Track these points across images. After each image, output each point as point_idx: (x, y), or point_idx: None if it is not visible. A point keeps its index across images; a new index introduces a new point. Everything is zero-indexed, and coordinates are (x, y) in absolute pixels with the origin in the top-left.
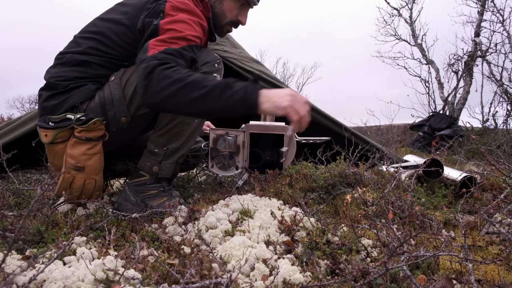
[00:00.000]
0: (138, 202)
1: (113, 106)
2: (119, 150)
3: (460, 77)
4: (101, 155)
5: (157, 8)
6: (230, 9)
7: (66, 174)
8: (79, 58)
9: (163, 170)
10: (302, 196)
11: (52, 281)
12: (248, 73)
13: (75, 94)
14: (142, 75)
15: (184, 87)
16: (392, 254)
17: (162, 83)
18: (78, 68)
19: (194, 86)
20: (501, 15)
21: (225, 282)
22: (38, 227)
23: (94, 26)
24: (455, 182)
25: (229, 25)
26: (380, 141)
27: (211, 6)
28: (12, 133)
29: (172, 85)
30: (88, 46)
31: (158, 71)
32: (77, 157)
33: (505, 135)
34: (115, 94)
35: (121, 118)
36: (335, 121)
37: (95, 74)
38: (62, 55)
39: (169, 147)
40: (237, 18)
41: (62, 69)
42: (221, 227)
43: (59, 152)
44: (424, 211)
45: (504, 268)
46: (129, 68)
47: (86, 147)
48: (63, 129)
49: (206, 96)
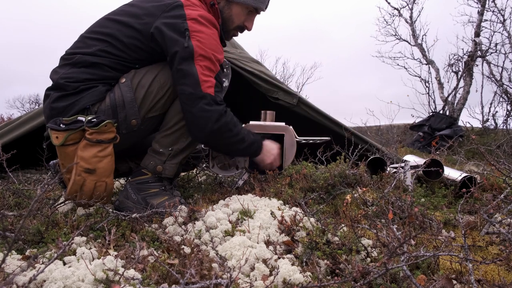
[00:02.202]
0: (139, 200)
1: (124, 109)
2: (124, 151)
3: (460, 77)
4: (112, 158)
5: (180, 26)
6: (238, 15)
7: (77, 177)
8: (89, 59)
9: (167, 170)
10: (302, 196)
11: (52, 281)
12: (248, 73)
13: (85, 96)
14: (211, 121)
15: (238, 141)
16: (392, 254)
17: (229, 134)
18: (88, 69)
19: (241, 141)
20: (501, 15)
21: (225, 283)
22: (38, 227)
23: (103, 27)
24: (455, 182)
25: (236, 30)
26: (380, 141)
27: (220, 11)
28: (12, 133)
29: (233, 137)
30: (99, 48)
31: (225, 122)
32: (88, 159)
33: (505, 135)
34: (127, 97)
35: (132, 120)
36: (335, 121)
37: (105, 76)
38: (70, 56)
39: (174, 148)
40: (244, 23)
41: (71, 70)
42: (221, 227)
43: (70, 154)
44: (424, 211)
45: (504, 268)
46: (140, 70)
47: (97, 149)
48: (74, 131)
49: (241, 150)
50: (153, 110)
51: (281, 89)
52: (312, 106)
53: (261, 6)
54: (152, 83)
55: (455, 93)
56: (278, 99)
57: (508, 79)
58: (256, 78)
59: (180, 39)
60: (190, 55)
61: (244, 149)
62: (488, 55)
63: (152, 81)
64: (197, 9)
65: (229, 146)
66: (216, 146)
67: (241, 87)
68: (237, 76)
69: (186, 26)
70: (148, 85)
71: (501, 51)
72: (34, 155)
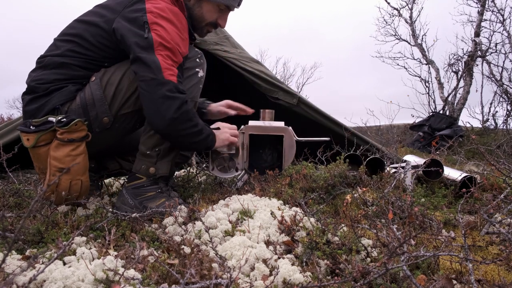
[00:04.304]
0: (136, 205)
1: (94, 107)
2: (110, 149)
3: (460, 77)
4: (85, 156)
5: (139, 20)
6: (209, 12)
7: (51, 177)
8: (57, 60)
9: (160, 169)
10: (302, 196)
11: (52, 281)
12: (248, 73)
13: (55, 96)
14: (171, 108)
15: (196, 133)
16: (392, 254)
17: (187, 124)
18: (58, 70)
19: (199, 133)
20: (501, 14)
21: (225, 283)
22: (38, 227)
23: (72, 29)
24: (455, 182)
25: (209, 26)
26: (380, 141)
27: (189, 8)
28: (12, 133)
29: (191, 128)
30: (67, 48)
31: (186, 110)
32: (61, 159)
33: (505, 135)
34: (96, 95)
35: (103, 118)
36: (335, 121)
37: (75, 75)
38: (41, 59)
39: (161, 148)
40: (217, 21)
41: (42, 72)
42: (221, 227)
43: (43, 155)
44: (424, 211)
45: (504, 268)
46: (110, 68)
47: (69, 148)
48: (45, 132)
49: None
50: (124, 107)
51: (281, 89)
52: (312, 106)
53: (232, 4)
54: (122, 79)
55: (455, 93)
56: (278, 99)
57: (508, 79)
58: (256, 78)
59: (138, 31)
60: (149, 45)
61: (201, 141)
62: (488, 55)
63: (122, 78)
64: (158, 3)
65: (188, 137)
66: (176, 136)
67: (241, 87)
68: (237, 76)
69: (145, 19)
70: (118, 82)
71: (501, 51)
72: None
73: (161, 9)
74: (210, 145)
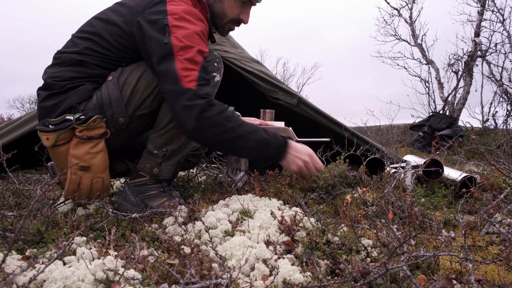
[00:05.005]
0: (138, 203)
1: (111, 107)
2: (119, 150)
3: (460, 77)
4: (105, 153)
5: (160, 22)
6: (231, 8)
7: (73, 176)
8: (75, 58)
9: (164, 172)
10: (302, 196)
11: (52, 281)
12: (248, 73)
13: (72, 94)
14: (191, 117)
15: (234, 138)
16: (392, 254)
17: (215, 130)
18: (75, 68)
19: (242, 138)
20: (501, 14)
21: (225, 283)
22: (38, 227)
23: (90, 26)
24: (455, 182)
25: (231, 23)
26: (380, 141)
27: (210, 5)
28: (12, 133)
29: (224, 133)
30: (85, 46)
31: (209, 117)
32: (81, 157)
33: (505, 135)
34: (113, 95)
35: (119, 119)
36: (335, 121)
37: (92, 73)
38: (59, 55)
39: (168, 149)
40: (239, 17)
41: (59, 69)
42: (221, 227)
43: (63, 154)
44: (424, 211)
45: (504, 268)
46: (127, 68)
47: (89, 146)
48: (64, 130)
49: (249, 150)
50: (140, 108)
51: (281, 89)
52: (312, 106)
53: None
54: (139, 81)
55: (455, 93)
56: (278, 99)
57: (508, 79)
58: (256, 78)
59: (159, 36)
60: (169, 51)
61: (252, 149)
62: (488, 55)
63: (139, 79)
64: (180, 4)
65: (225, 144)
66: (212, 143)
67: (241, 87)
68: (237, 76)
69: (166, 22)
70: (135, 83)
71: (501, 51)
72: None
73: (182, 11)
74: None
